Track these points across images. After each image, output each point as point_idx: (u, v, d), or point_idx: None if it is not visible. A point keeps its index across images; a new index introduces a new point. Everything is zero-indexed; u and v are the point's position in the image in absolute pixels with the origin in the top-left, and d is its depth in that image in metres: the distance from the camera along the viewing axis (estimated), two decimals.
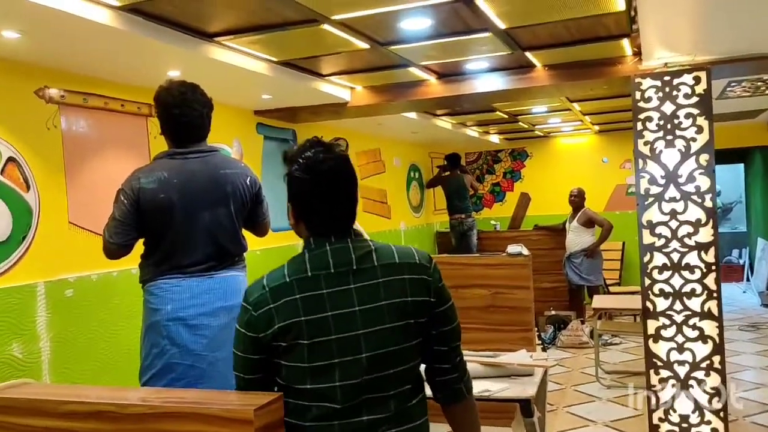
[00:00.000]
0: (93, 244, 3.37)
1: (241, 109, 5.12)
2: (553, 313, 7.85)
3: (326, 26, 3.23)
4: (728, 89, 5.50)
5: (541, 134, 9.41)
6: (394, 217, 8.03)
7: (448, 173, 8.71)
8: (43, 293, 3.34)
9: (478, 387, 3.28)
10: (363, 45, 3.65)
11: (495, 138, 9.34)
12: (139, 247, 2.70)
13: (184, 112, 2.57)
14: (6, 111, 3.24)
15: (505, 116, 7.15)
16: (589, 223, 7.68)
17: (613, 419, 4.87)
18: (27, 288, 3.27)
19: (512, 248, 5.07)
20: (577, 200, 7.76)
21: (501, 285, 5.04)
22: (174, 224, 2.56)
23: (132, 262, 2.69)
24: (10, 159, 3.24)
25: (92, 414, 1.53)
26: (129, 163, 3.34)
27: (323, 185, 1.56)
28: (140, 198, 2.52)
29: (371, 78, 4.68)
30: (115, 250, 2.58)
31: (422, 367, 1.68)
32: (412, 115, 6.20)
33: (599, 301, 6.50)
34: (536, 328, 7.06)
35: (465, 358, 1.82)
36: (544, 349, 7.03)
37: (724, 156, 8.46)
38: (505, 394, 3.17)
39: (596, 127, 9.00)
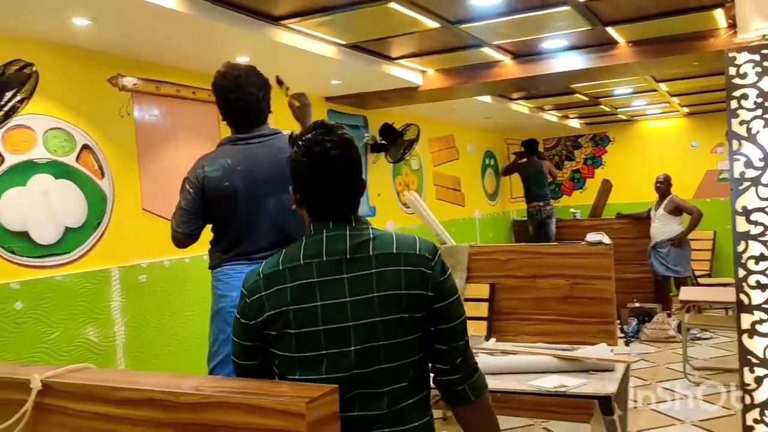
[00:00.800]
0: (166, 230, 3.35)
1: (312, 96, 5.05)
2: (636, 305, 7.53)
3: (393, 4, 3.12)
4: None
5: (625, 118, 8.98)
6: (468, 205, 7.86)
7: (525, 160, 8.47)
8: (118, 278, 3.41)
9: (553, 382, 3.12)
10: (432, 24, 3.51)
11: (575, 122, 8.98)
12: (208, 233, 2.70)
13: (239, 97, 2.54)
14: (80, 99, 3.30)
15: (586, 99, 6.83)
16: (676, 210, 7.28)
17: (702, 418, 4.56)
18: (102, 273, 3.34)
19: (592, 236, 4.84)
20: (663, 187, 7.37)
21: (580, 275, 4.81)
22: (239, 211, 2.54)
23: (204, 248, 2.68)
24: (85, 146, 3.30)
25: (145, 401, 1.49)
26: (200, 149, 3.29)
27: (320, 169, 1.50)
28: (205, 186, 2.52)
29: (443, 60, 4.54)
30: (183, 239, 2.59)
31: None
32: (486, 98, 6.01)
33: (687, 293, 6.14)
34: (618, 321, 6.79)
35: (538, 350, 1.70)
36: (626, 343, 6.72)
37: None
38: (583, 390, 2.99)
39: (685, 110, 8.50)
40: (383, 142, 5.71)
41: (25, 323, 2.97)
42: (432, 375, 1.59)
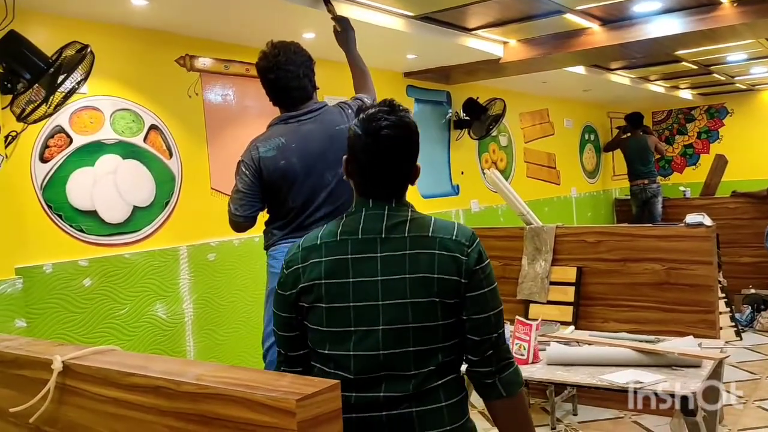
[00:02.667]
0: None
1: (389, 72, 4.95)
2: (752, 291, 6.93)
3: None
4: None
5: (744, 87, 8.19)
6: (563, 183, 7.47)
7: (628, 135, 7.96)
8: (186, 257, 3.47)
9: (627, 377, 2.86)
10: None
11: (687, 94, 8.30)
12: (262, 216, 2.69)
13: (279, 76, 2.52)
14: (147, 80, 3.36)
15: (695, 67, 6.26)
16: None
17: None
18: (170, 251, 3.40)
19: (692, 218, 4.44)
20: None
21: (677, 260, 4.46)
22: (297, 188, 2.53)
23: None
24: (153, 126, 3.36)
25: (152, 389, 1.47)
26: None
27: (371, 146, 1.51)
28: (262, 167, 2.52)
29: (524, 29, 4.26)
30: (242, 222, 2.60)
31: None
32: (580, 69, 5.63)
33: None
34: (731, 308, 6.26)
35: (618, 340, 1.58)
36: (737, 333, 6.19)
37: None
38: (660, 388, 2.72)
39: None
40: (466, 117, 5.50)
41: (94, 299, 3.07)
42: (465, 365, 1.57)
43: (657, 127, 9.43)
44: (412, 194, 5.24)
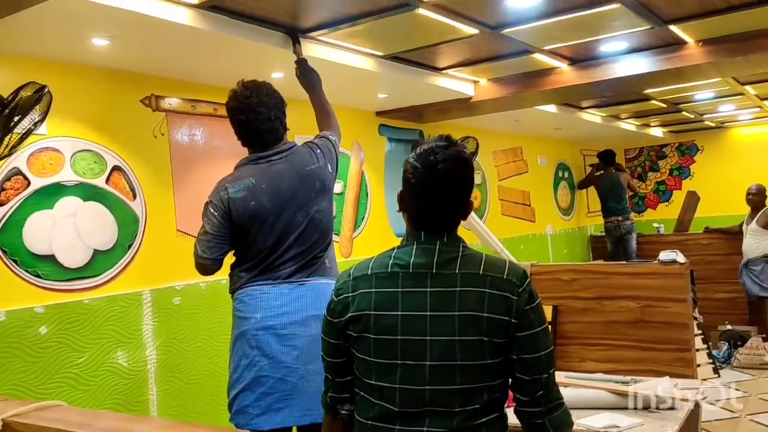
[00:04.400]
0: None
1: (361, 111, 4.94)
2: (728, 327, 6.92)
3: (421, 10, 2.92)
4: None
5: (713, 125, 8.32)
6: (539, 221, 7.47)
7: (601, 172, 8.03)
8: (150, 301, 3.35)
9: (605, 421, 2.79)
10: (471, 30, 3.28)
11: (657, 131, 8.41)
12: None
13: (249, 118, 2.48)
14: (111, 120, 3.28)
15: (664, 105, 6.35)
16: None
17: None
18: (132, 296, 3.29)
19: (665, 255, 4.43)
20: (756, 198, 6.76)
21: (652, 297, 4.42)
22: (266, 230, 2.48)
23: None
24: (116, 168, 3.28)
25: None
26: None
27: (427, 178, 1.52)
28: (231, 208, 2.46)
29: (494, 69, 4.28)
30: (210, 265, 2.52)
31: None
32: (551, 108, 5.67)
33: None
34: (708, 345, 6.23)
35: (593, 382, 1.94)
36: (715, 370, 6.16)
37: None
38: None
39: None
40: None
41: (50, 348, 2.94)
42: (514, 404, 1.58)
43: (629, 164, 9.53)
44: (387, 232, 5.12)
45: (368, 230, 4.89)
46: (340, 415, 1.67)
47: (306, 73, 2.99)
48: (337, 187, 4.60)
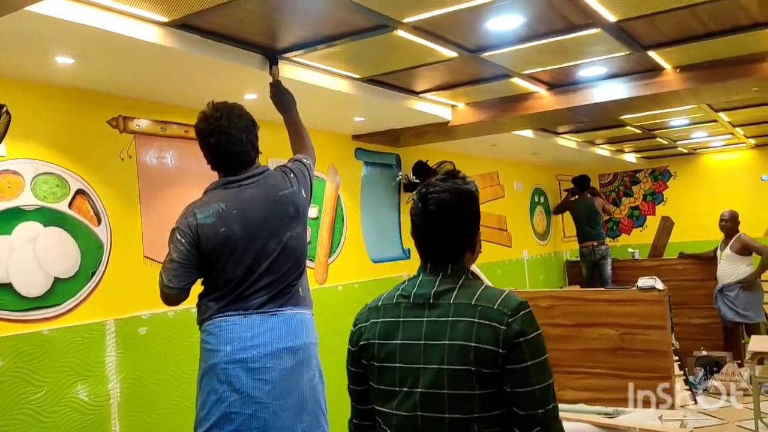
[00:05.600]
0: None
1: (337, 134, 4.85)
2: (704, 353, 6.92)
3: (400, 32, 2.84)
4: None
5: (686, 151, 8.41)
6: (515, 246, 7.42)
7: (576, 197, 8.04)
8: (114, 332, 3.19)
9: None
10: (449, 53, 3.22)
11: (631, 157, 8.47)
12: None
13: (220, 141, 2.39)
14: (75, 142, 3.14)
15: (638, 131, 6.37)
16: (744, 250, 6.69)
17: None
18: (95, 326, 3.12)
19: (644, 281, 4.40)
20: (729, 225, 6.80)
21: (631, 324, 4.39)
22: (236, 258, 2.37)
23: None
24: (80, 191, 3.13)
25: None
26: None
27: (420, 211, 1.59)
28: (199, 235, 2.35)
29: (472, 93, 4.23)
30: (176, 295, 2.41)
31: None
32: (528, 133, 5.65)
33: (758, 343, 5.54)
34: (684, 371, 6.19)
35: (577, 415, 1.96)
36: (692, 396, 6.12)
37: None
38: None
39: (752, 141, 7.89)
40: (416, 180, 5.41)
41: (6, 382, 2.76)
42: None
43: (604, 189, 9.57)
44: (363, 257, 5.01)
45: (344, 256, 4.77)
46: None
47: (280, 95, 2.90)
48: (312, 212, 4.48)
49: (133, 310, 3.29)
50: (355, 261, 4.89)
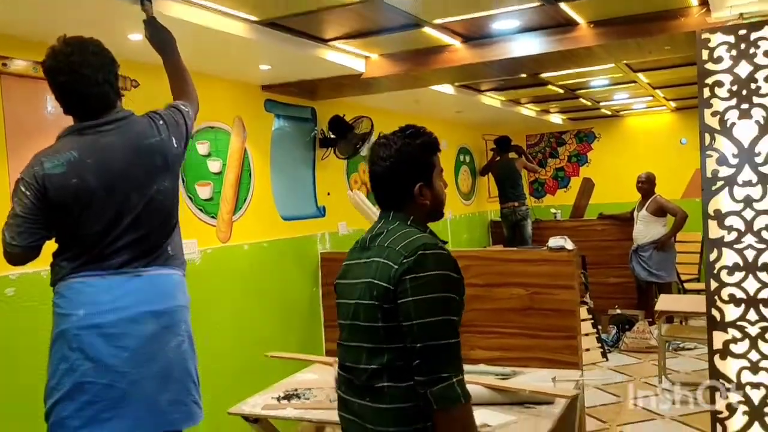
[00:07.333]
0: None
1: (243, 84, 4.55)
2: (618, 312, 7.09)
3: None
4: None
5: (609, 113, 8.46)
6: None
7: (499, 158, 8.01)
8: None
9: (478, 418, 2.63)
10: None
11: (557, 118, 8.47)
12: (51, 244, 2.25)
13: (71, 80, 2.15)
14: None
15: (561, 91, 6.32)
16: (659, 211, 6.81)
17: None
18: None
19: (554, 241, 4.36)
20: (646, 186, 6.90)
21: (541, 284, 4.35)
22: (92, 213, 2.15)
23: None
24: None
25: None
26: None
27: (370, 165, 1.83)
28: (47, 186, 2.11)
29: (384, 43, 4.03)
30: (20, 253, 2.18)
31: None
32: (449, 89, 5.49)
33: (664, 302, 5.68)
34: (597, 329, 6.30)
35: (475, 377, 2.28)
36: (604, 354, 6.25)
37: None
38: (509, 430, 2.49)
39: (672, 104, 7.99)
40: (332, 136, 5.20)
41: None
42: None
43: (531, 150, 9.58)
44: (273, 215, 4.76)
45: (251, 213, 4.54)
46: None
47: (156, 33, 2.63)
48: (215, 166, 4.23)
49: (0, 270, 3.00)
50: (264, 219, 4.67)
